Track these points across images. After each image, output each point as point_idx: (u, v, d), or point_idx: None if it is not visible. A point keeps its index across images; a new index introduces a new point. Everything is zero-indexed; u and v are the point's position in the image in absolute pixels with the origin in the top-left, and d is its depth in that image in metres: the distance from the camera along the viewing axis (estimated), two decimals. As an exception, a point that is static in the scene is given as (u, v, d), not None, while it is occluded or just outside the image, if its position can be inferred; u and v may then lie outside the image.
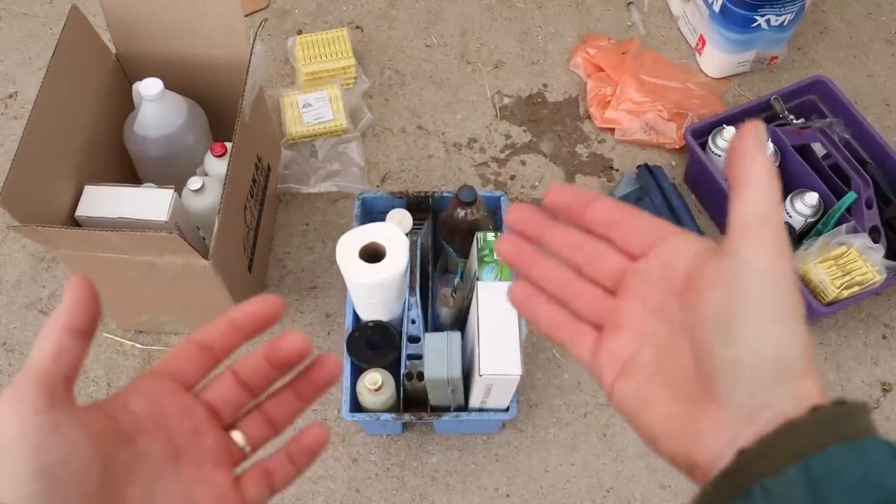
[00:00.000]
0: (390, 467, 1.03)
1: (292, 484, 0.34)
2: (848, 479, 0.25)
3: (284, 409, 0.34)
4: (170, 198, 0.93)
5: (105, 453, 0.28)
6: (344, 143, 1.26)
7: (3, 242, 1.20)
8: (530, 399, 1.07)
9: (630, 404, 0.32)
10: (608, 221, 0.34)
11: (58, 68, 0.91)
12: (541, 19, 1.46)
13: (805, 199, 1.09)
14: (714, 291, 0.29)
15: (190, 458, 0.31)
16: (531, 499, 1.01)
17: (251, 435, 0.33)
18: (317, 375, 0.34)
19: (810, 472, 0.25)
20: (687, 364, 0.30)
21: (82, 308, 0.29)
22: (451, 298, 0.98)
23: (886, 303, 1.16)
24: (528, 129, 1.33)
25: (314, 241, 1.21)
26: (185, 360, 0.32)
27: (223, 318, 0.32)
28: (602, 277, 0.34)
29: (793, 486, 0.25)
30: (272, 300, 0.32)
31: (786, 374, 0.27)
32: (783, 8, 1.23)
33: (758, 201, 0.28)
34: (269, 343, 0.33)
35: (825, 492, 0.25)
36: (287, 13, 1.46)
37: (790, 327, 0.28)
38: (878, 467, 0.25)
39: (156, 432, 0.30)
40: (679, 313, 0.31)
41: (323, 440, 0.33)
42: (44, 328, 0.29)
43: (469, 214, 1.00)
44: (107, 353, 1.10)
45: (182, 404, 0.32)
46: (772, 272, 0.28)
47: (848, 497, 0.25)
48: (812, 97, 1.24)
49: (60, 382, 0.28)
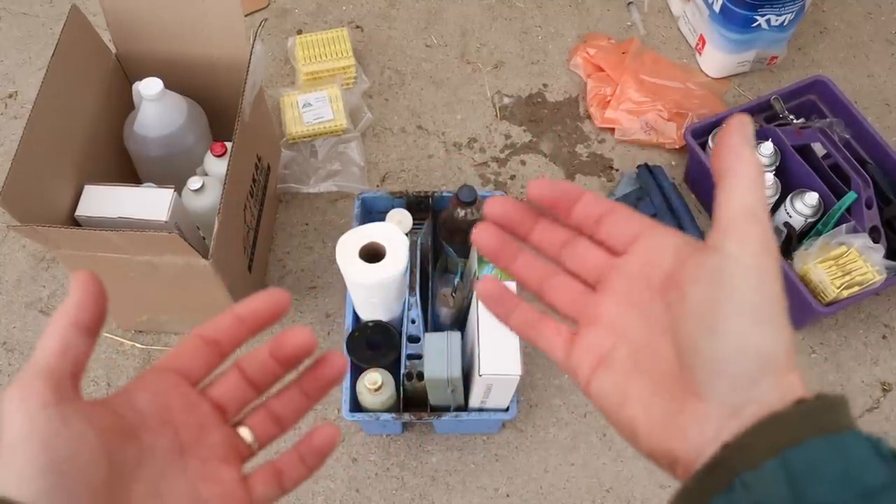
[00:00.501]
0: (390, 467, 1.03)
1: (302, 484, 0.34)
2: (827, 473, 0.25)
3: (291, 407, 0.34)
4: (170, 198, 0.93)
5: (111, 449, 0.27)
6: (344, 143, 1.26)
7: (3, 242, 1.20)
8: (530, 399, 1.07)
9: (609, 397, 0.31)
10: (594, 218, 0.34)
11: (58, 68, 0.91)
12: (541, 19, 1.46)
13: (805, 199, 1.09)
14: (698, 286, 0.29)
15: (196, 454, 0.31)
16: (531, 499, 1.01)
17: (258, 432, 0.33)
18: (323, 372, 0.33)
19: (789, 466, 0.25)
20: (668, 360, 0.30)
21: (89, 303, 0.29)
22: (451, 298, 0.98)
23: (886, 303, 1.16)
24: (528, 129, 1.33)
25: (314, 241, 1.21)
26: (191, 355, 0.32)
27: (229, 313, 0.32)
28: (584, 273, 0.34)
29: (772, 480, 0.25)
30: (278, 294, 0.32)
31: (770, 369, 0.27)
32: (783, 8, 1.23)
33: (744, 195, 0.28)
34: (274, 339, 0.32)
35: (804, 486, 0.25)
36: (287, 13, 1.46)
37: (775, 323, 0.28)
38: (857, 461, 0.25)
39: (161, 428, 0.30)
40: (659, 309, 0.31)
41: (333, 440, 0.33)
42: (50, 323, 0.29)
43: (469, 214, 1.00)
44: (107, 352, 1.10)
45: (187, 400, 0.31)
46: (757, 268, 0.28)
47: (827, 491, 0.25)
48: (812, 97, 1.24)
49: (67, 378, 0.28)
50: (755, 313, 0.27)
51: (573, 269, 0.34)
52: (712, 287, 0.28)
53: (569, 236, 0.34)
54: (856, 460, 0.25)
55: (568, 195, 0.33)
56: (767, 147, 1.13)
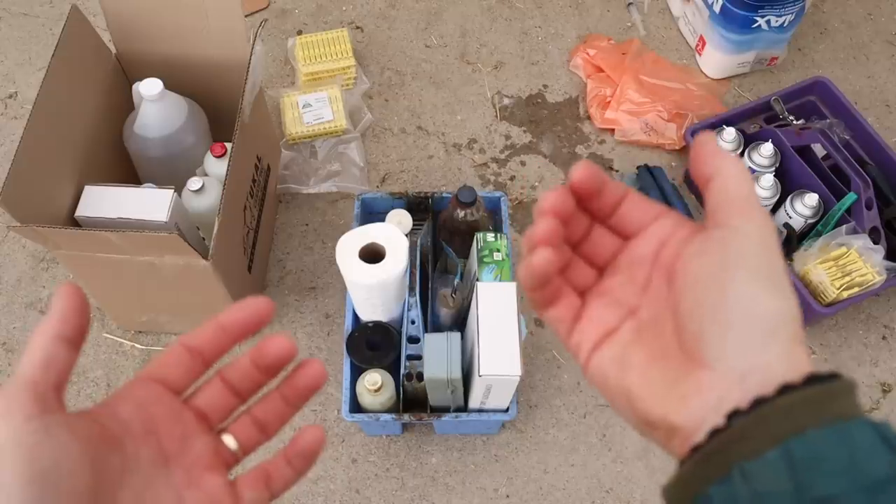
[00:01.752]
0: (390, 468, 1.03)
1: (293, 487, 0.34)
2: (831, 464, 0.24)
3: (273, 414, 0.34)
4: (170, 198, 0.93)
5: (95, 459, 0.28)
6: (344, 144, 1.26)
7: (3, 242, 1.20)
8: (530, 400, 1.07)
9: (607, 369, 0.31)
10: (612, 204, 0.34)
11: (58, 68, 0.91)
12: (541, 20, 1.46)
13: (805, 200, 1.09)
14: (705, 257, 0.29)
15: (180, 463, 0.31)
16: (531, 499, 1.01)
17: (242, 439, 0.33)
18: (301, 380, 0.33)
19: (791, 456, 0.24)
20: (671, 336, 0.30)
21: (72, 316, 0.29)
22: (451, 299, 0.98)
23: (886, 304, 1.16)
24: (527, 130, 1.33)
25: (314, 241, 1.21)
26: (174, 364, 0.32)
27: (212, 322, 0.32)
28: (595, 258, 0.34)
29: (773, 471, 0.25)
30: (261, 302, 0.32)
31: (779, 335, 0.27)
32: (783, 9, 1.23)
33: (739, 186, 0.29)
34: (255, 347, 0.33)
35: (807, 477, 0.24)
36: (287, 13, 1.46)
37: (783, 289, 0.28)
38: (863, 452, 0.24)
39: (145, 438, 0.30)
40: (666, 289, 0.31)
41: (319, 443, 0.33)
42: (33, 336, 0.29)
43: (469, 215, 1.00)
44: (107, 353, 1.10)
45: (171, 410, 0.32)
46: (763, 239, 0.28)
47: (831, 483, 0.24)
48: (812, 98, 1.24)
49: (50, 390, 0.28)
50: (764, 278, 0.27)
51: (589, 254, 0.35)
52: (721, 254, 0.28)
53: (592, 226, 0.34)
54: (861, 450, 0.24)
55: (602, 181, 0.33)
56: (767, 148, 1.13)
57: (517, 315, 0.86)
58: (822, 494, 0.24)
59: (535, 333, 1.13)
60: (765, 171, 1.13)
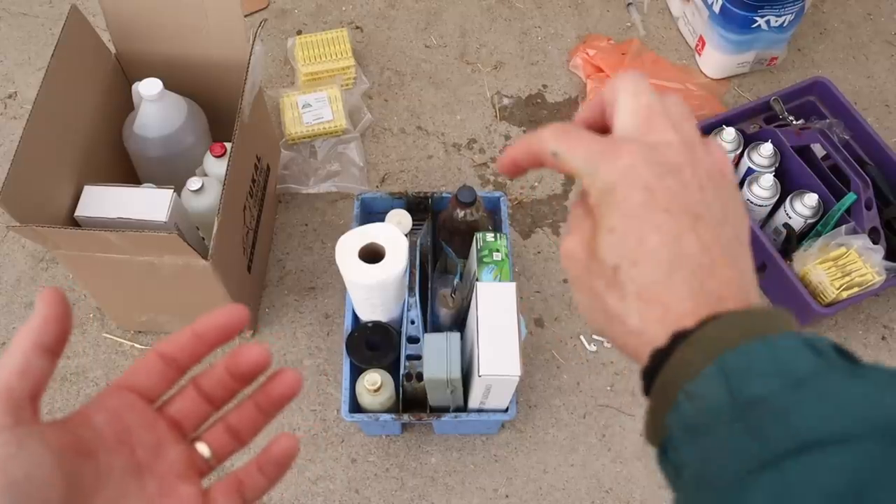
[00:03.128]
0: (389, 468, 1.03)
1: (266, 495, 0.33)
2: (759, 369, 0.25)
3: (248, 422, 0.34)
4: (169, 198, 0.93)
5: (68, 470, 0.28)
6: (343, 144, 1.26)
7: (2, 242, 1.20)
8: (529, 400, 1.07)
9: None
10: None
11: (58, 68, 0.91)
12: (540, 20, 1.46)
13: (805, 200, 1.09)
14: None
15: (153, 473, 0.31)
16: (530, 500, 1.01)
17: (216, 447, 0.33)
18: (276, 388, 0.33)
19: (725, 369, 0.26)
20: None
21: (52, 324, 0.29)
22: (451, 299, 0.98)
23: (886, 304, 1.16)
24: (527, 130, 1.33)
25: (314, 241, 1.21)
26: (148, 373, 0.32)
27: (187, 329, 0.32)
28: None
29: (711, 385, 0.26)
30: (236, 310, 0.32)
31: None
32: (783, 9, 1.23)
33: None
34: (228, 355, 0.33)
35: (739, 384, 0.25)
36: (287, 13, 1.46)
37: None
38: (787, 355, 0.26)
39: (118, 447, 0.30)
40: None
41: (292, 451, 0.33)
42: (12, 342, 0.29)
43: (468, 215, 1.00)
44: (106, 353, 1.10)
45: (144, 419, 0.32)
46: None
47: (759, 385, 0.25)
48: (812, 98, 1.24)
49: (26, 399, 0.28)
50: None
51: None
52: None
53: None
54: (786, 354, 0.26)
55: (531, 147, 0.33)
56: (767, 148, 1.13)
57: (517, 315, 0.86)
58: (753, 396, 0.25)
59: (534, 333, 1.13)
60: (764, 171, 1.13)
